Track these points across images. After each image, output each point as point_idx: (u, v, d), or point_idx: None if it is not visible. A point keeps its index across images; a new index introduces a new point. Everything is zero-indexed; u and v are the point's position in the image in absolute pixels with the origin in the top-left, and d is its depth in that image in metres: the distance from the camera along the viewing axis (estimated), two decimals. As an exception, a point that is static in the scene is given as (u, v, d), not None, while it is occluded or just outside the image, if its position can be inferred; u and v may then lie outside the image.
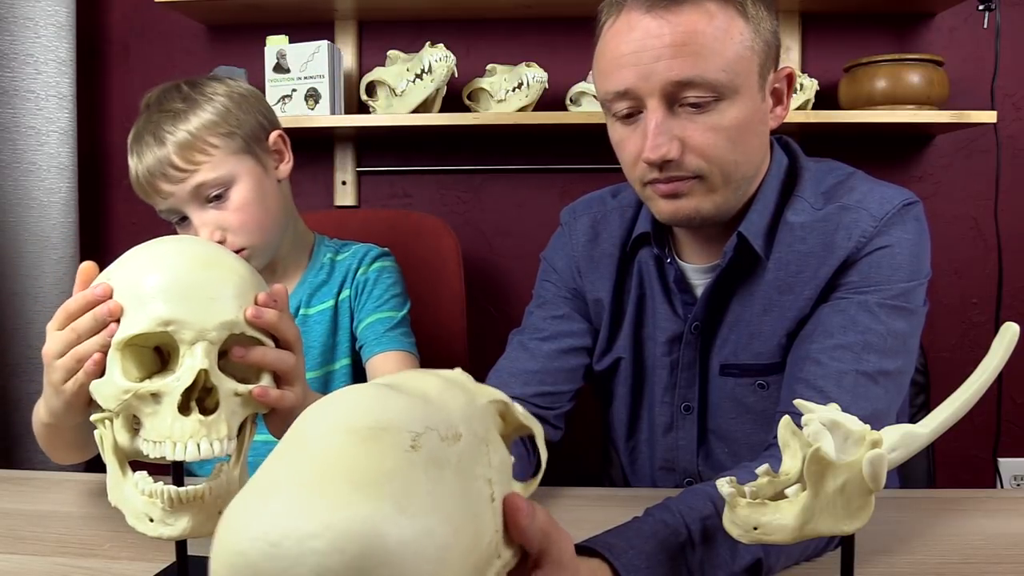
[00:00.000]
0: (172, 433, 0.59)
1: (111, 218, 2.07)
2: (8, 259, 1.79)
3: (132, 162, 1.03)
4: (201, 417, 0.60)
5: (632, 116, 0.84)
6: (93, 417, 0.63)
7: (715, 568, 0.64)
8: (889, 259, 0.86)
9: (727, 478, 0.60)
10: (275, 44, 1.78)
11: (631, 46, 0.80)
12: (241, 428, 0.64)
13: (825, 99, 1.81)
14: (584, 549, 0.59)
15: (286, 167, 1.11)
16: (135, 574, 0.73)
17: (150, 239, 0.67)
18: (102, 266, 0.68)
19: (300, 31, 1.87)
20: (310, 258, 1.17)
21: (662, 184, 0.84)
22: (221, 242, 1.01)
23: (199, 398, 0.61)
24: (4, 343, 1.80)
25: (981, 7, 1.78)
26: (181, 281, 0.60)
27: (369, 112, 1.81)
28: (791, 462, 0.60)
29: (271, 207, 1.07)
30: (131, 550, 0.78)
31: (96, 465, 0.93)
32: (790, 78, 0.89)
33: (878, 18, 1.90)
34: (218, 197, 1.02)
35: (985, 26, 1.81)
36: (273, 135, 1.10)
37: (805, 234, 0.89)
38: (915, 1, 1.83)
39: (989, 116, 1.71)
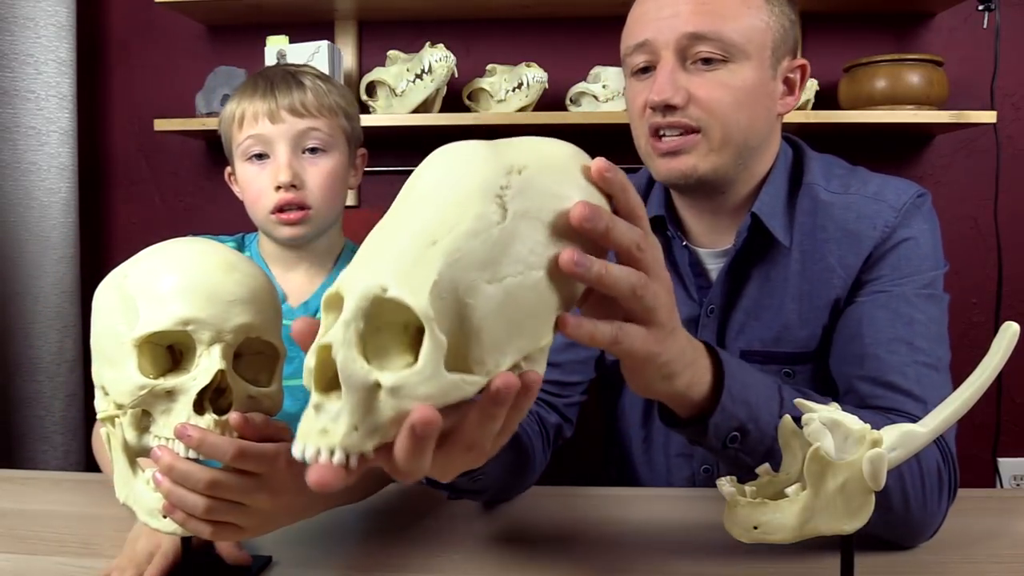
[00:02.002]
0: None
1: (111, 218, 2.07)
2: (8, 259, 1.79)
3: (239, 100, 1.07)
4: (216, 416, 0.61)
5: (647, 71, 0.88)
6: (100, 416, 0.64)
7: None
8: (916, 250, 0.88)
9: (727, 477, 0.61)
10: (275, 44, 1.78)
11: (655, 3, 0.86)
12: None
13: (825, 99, 1.82)
14: None
15: (355, 180, 1.17)
16: (135, 574, 0.73)
17: (150, 239, 0.67)
18: (102, 267, 0.68)
19: (300, 31, 1.87)
20: (337, 259, 1.17)
21: (663, 139, 0.87)
22: (293, 187, 1.04)
23: (210, 398, 0.62)
24: (5, 343, 1.80)
25: (981, 7, 1.78)
26: (202, 282, 0.61)
27: (369, 112, 1.81)
28: (791, 462, 0.60)
29: (340, 195, 1.12)
30: (131, 550, 0.77)
31: (96, 465, 0.93)
32: (803, 70, 0.91)
33: (878, 18, 1.90)
34: (312, 152, 1.07)
35: (985, 26, 1.81)
36: (361, 150, 1.17)
37: (825, 221, 0.91)
38: (915, 1, 1.83)
39: (989, 116, 1.71)
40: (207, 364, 0.60)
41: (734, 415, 0.66)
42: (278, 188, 1.04)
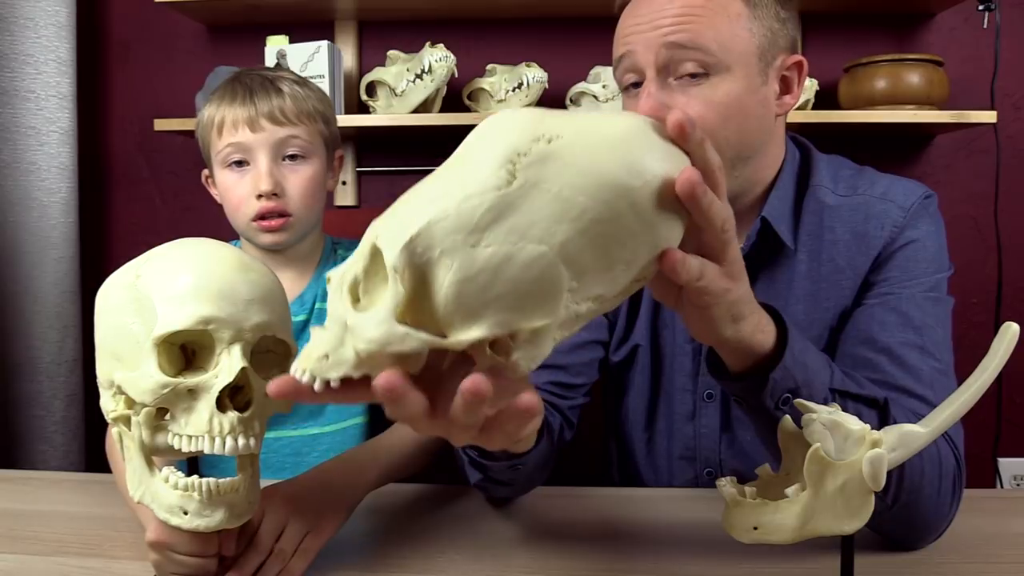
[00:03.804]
0: (211, 428, 0.60)
1: (111, 218, 2.07)
2: (8, 259, 1.79)
3: (217, 105, 1.07)
4: (238, 413, 0.61)
5: (637, 86, 0.88)
6: (111, 416, 0.64)
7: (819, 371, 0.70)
8: (922, 252, 0.89)
9: (727, 478, 0.61)
10: (275, 44, 1.78)
11: (635, 20, 0.86)
12: None
13: (825, 99, 1.81)
14: None
15: (333, 183, 1.17)
16: (135, 574, 0.74)
17: (150, 239, 0.67)
18: (102, 267, 0.69)
19: (300, 31, 1.87)
20: (320, 260, 1.18)
21: None
22: (275, 195, 1.04)
23: (229, 396, 0.63)
24: (4, 343, 1.80)
25: (981, 7, 1.78)
26: (220, 283, 0.62)
27: (369, 112, 1.81)
28: (791, 462, 0.60)
29: (319, 200, 1.13)
30: (131, 550, 0.78)
31: (96, 465, 0.93)
32: (800, 66, 0.90)
33: (878, 18, 1.90)
34: (292, 159, 1.07)
35: (985, 26, 1.81)
36: (338, 152, 1.18)
37: (833, 223, 0.91)
38: (915, 1, 1.83)
39: (989, 116, 1.71)
40: (228, 362, 0.61)
41: (793, 375, 0.66)
42: (259, 196, 1.04)
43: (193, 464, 0.69)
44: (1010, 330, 0.56)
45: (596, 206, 0.43)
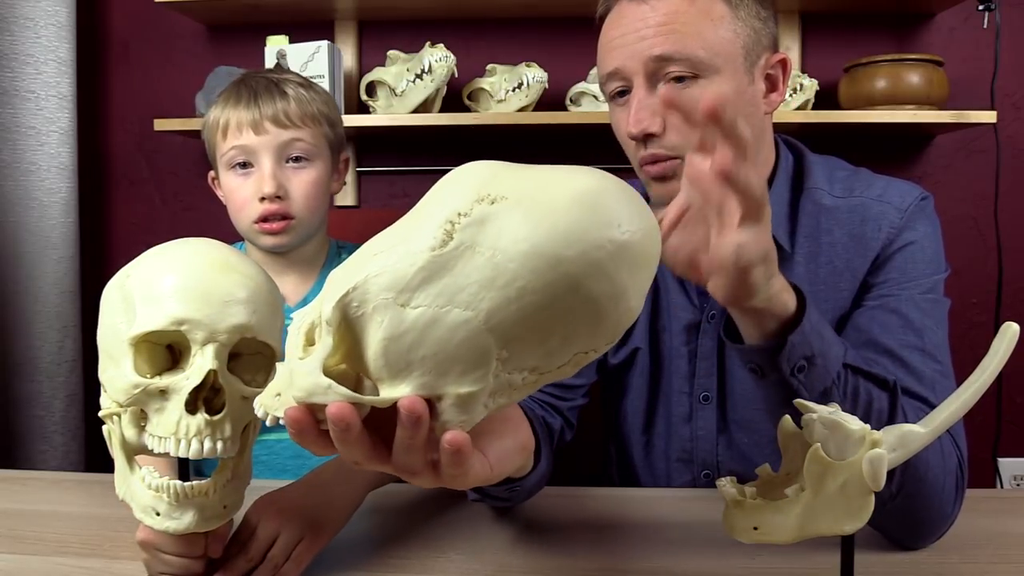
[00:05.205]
0: (178, 430, 0.60)
1: (111, 218, 2.07)
2: (8, 259, 1.79)
3: (222, 108, 1.08)
4: (208, 416, 0.61)
5: (623, 94, 0.88)
6: (101, 412, 0.65)
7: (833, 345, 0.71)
8: (920, 253, 0.89)
9: (728, 478, 0.61)
10: (275, 44, 1.78)
11: (620, 31, 0.86)
12: (245, 428, 0.65)
13: (825, 99, 1.81)
14: None
15: (338, 185, 1.17)
16: (135, 574, 0.74)
17: (150, 239, 0.67)
18: (102, 267, 0.69)
19: (300, 31, 1.87)
20: (325, 262, 1.18)
21: (650, 165, 0.87)
22: (278, 197, 1.04)
23: (206, 398, 0.62)
24: (5, 342, 1.80)
25: (981, 7, 1.78)
26: (197, 283, 0.61)
27: (369, 112, 1.81)
28: (791, 462, 0.60)
29: (323, 203, 1.13)
30: (131, 550, 0.77)
31: (96, 465, 0.93)
32: (783, 63, 0.90)
33: (878, 18, 1.90)
34: (296, 161, 1.07)
35: (985, 26, 1.81)
36: (344, 155, 1.18)
37: (831, 225, 0.91)
38: (915, 1, 1.83)
39: (989, 116, 1.71)
40: (200, 364, 0.60)
41: (810, 341, 0.67)
42: (262, 199, 1.04)
43: (185, 464, 0.68)
44: (1010, 330, 0.56)
45: (526, 275, 0.41)
